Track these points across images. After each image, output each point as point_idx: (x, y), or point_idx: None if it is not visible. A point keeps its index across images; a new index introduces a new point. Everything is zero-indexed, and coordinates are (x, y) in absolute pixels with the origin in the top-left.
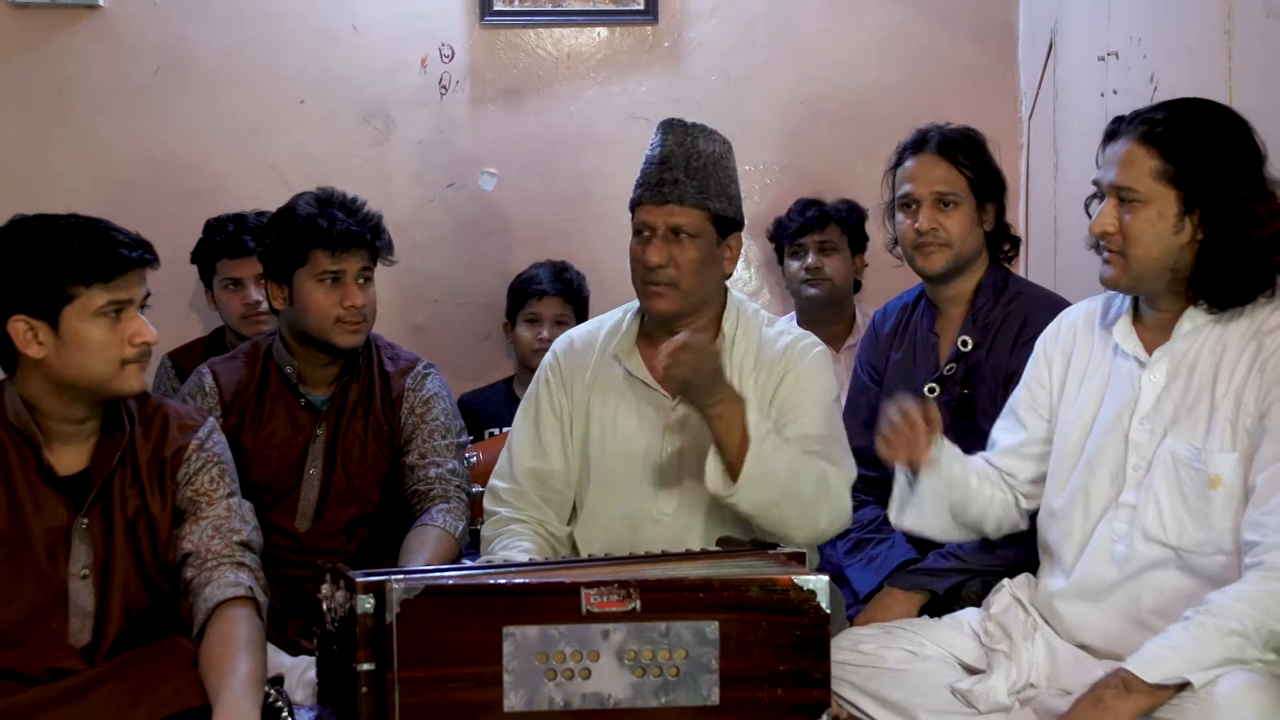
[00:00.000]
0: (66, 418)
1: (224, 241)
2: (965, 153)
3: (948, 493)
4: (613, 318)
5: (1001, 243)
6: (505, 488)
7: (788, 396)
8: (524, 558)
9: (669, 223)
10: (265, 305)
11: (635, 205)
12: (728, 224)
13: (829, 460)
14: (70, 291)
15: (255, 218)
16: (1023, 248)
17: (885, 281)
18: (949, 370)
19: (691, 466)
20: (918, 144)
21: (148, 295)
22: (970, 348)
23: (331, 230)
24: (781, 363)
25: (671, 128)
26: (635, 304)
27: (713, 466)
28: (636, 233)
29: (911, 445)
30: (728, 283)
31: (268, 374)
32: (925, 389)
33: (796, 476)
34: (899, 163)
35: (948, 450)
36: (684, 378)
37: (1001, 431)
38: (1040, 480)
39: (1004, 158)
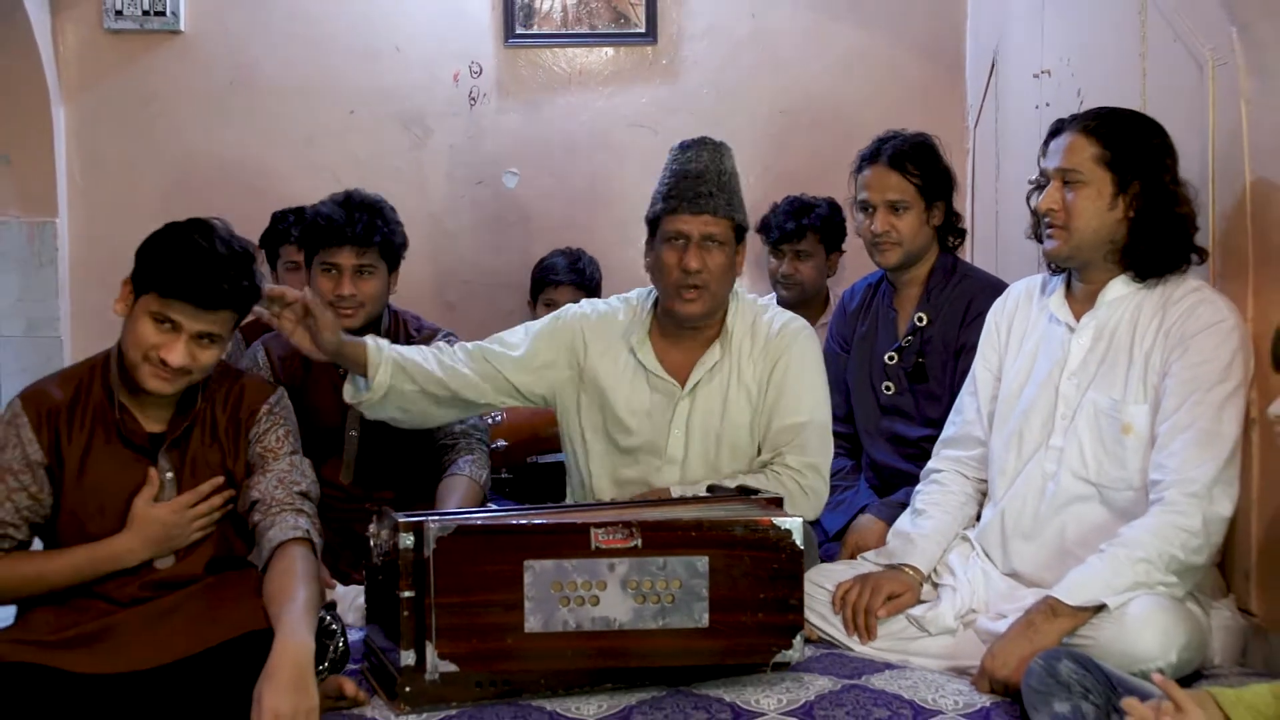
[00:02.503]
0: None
1: (286, 230)
2: (914, 162)
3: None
4: (626, 307)
5: (949, 233)
6: (469, 346)
7: (780, 383)
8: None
9: (704, 231)
10: None
11: (666, 214)
12: (742, 232)
13: (799, 451)
14: (149, 286)
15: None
16: (969, 237)
17: (862, 259)
18: (906, 342)
19: (695, 444)
20: (873, 155)
21: (211, 335)
22: (925, 323)
23: (329, 229)
24: (775, 349)
25: (704, 145)
26: (644, 294)
27: None
28: (667, 240)
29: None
30: None
31: None
32: (885, 357)
33: None
34: (859, 169)
35: (930, 560)
36: None
37: (967, 395)
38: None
39: (953, 160)
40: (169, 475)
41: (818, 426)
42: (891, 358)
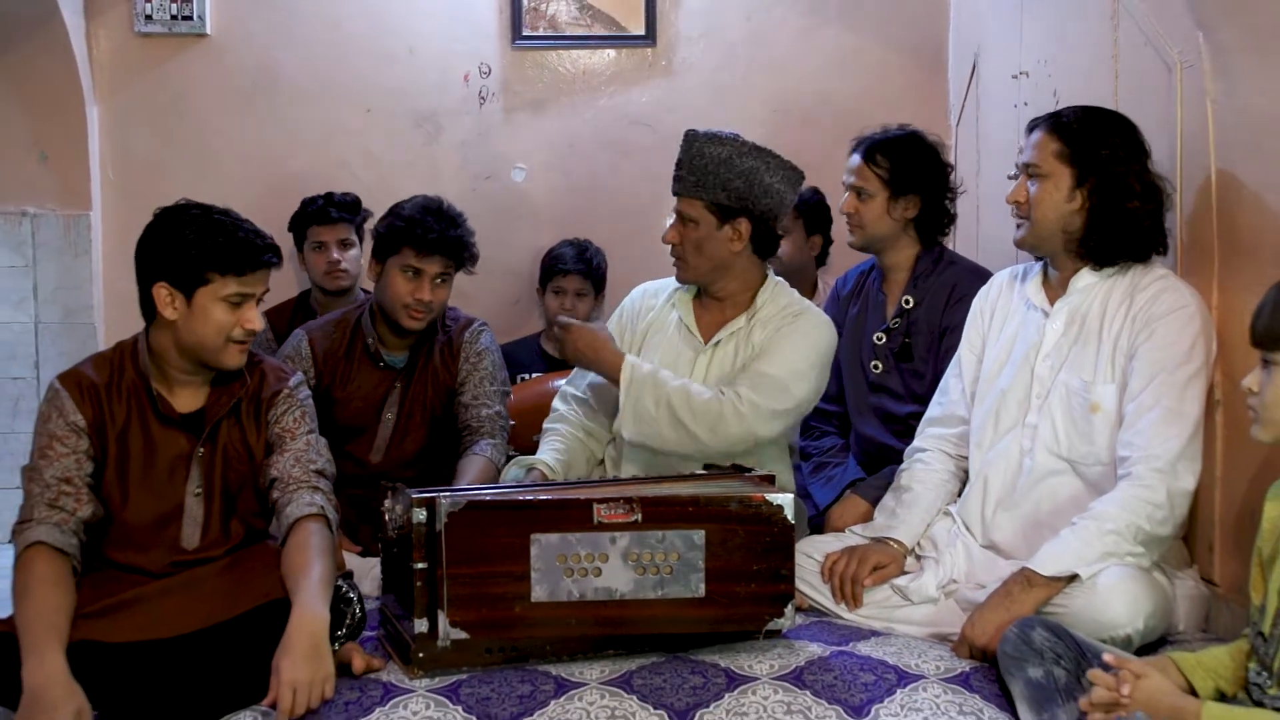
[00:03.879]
0: (184, 369)
1: (315, 211)
2: (884, 154)
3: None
4: None
5: (933, 229)
6: (573, 393)
7: (770, 340)
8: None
9: (679, 210)
10: (344, 265)
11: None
12: (729, 211)
13: (750, 388)
14: (208, 276)
15: (341, 196)
16: (952, 230)
17: (851, 254)
18: (894, 323)
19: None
20: (857, 144)
21: (266, 291)
22: (911, 305)
23: (424, 236)
24: (787, 322)
25: (686, 137)
26: None
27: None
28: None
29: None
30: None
31: (355, 341)
32: (874, 338)
33: (664, 407)
34: (849, 154)
35: (914, 534)
36: (563, 354)
37: (952, 377)
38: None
39: None
40: (200, 451)
41: (782, 383)
42: (880, 338)
